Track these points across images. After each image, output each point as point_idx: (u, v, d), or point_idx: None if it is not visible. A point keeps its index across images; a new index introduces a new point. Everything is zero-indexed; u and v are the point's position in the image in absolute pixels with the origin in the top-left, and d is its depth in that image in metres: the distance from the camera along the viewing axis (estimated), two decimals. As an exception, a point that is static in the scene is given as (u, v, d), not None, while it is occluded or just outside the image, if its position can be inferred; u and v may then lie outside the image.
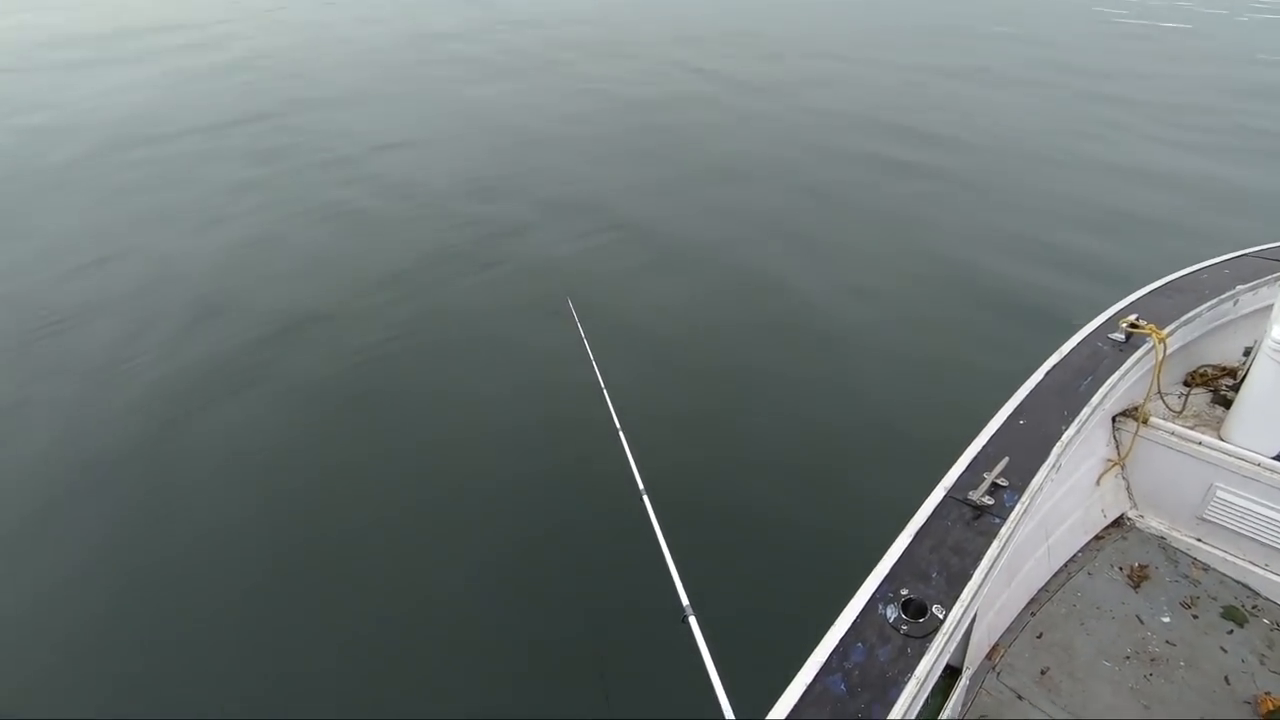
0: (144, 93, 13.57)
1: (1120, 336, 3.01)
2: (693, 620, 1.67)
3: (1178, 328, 3.12)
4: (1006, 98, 13.42)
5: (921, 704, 1.71)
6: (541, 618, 3.51)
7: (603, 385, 3.11)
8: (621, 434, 2.64)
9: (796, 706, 1.59)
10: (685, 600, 1.74)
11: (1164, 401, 3.14)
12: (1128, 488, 3.26)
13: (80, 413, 4.95)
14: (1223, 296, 3.34)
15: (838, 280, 6.93)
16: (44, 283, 6.71)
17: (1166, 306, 3.24)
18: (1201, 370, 3.49)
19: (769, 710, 1.59)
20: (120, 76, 14.88)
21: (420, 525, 4.07)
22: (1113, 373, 2.81)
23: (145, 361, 5.51)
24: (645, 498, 2.23)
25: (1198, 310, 3.23)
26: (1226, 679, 2.51)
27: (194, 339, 5.79)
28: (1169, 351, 3.05)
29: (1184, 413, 3.22)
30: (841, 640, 1.74)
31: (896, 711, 1.57)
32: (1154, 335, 2.93)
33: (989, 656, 2.59)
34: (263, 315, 6.14)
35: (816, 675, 1.66)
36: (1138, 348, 2.97)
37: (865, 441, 4.74)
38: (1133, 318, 3.02)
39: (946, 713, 2.21)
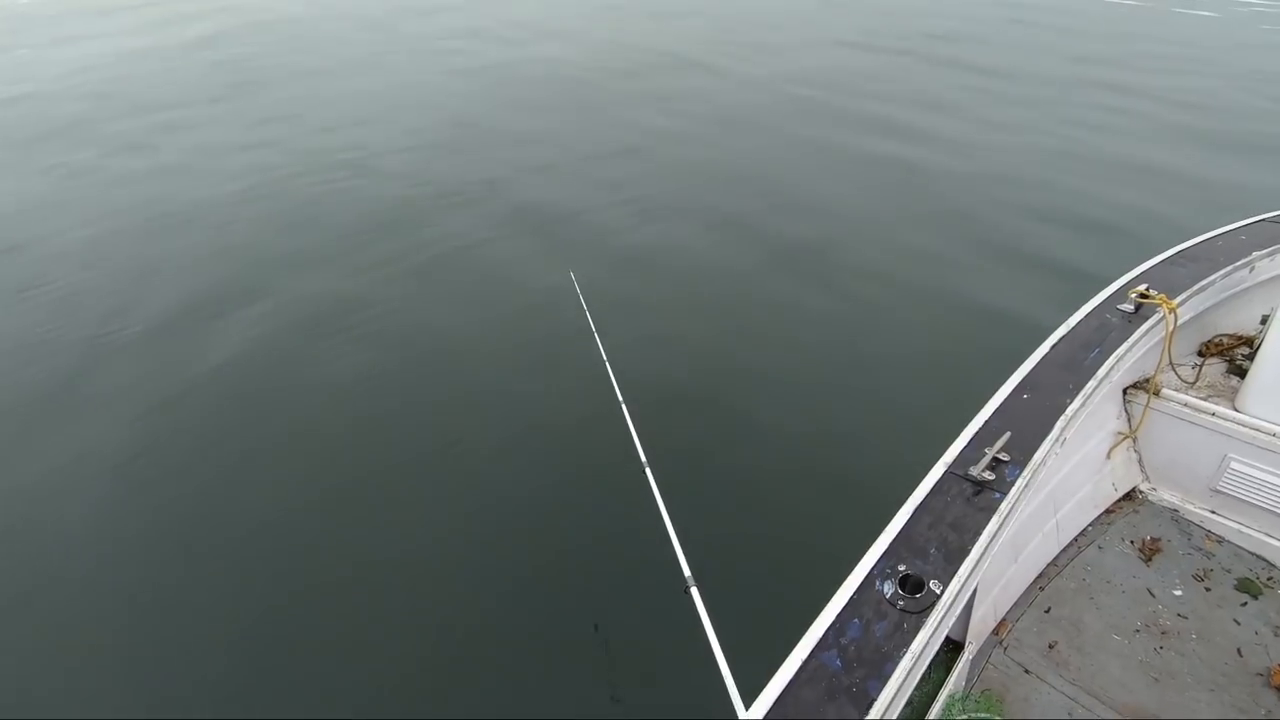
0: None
1: (1130, 307, 2.95)
2: (694, 591, 1.68)
3: (1190, 297, 3.05)
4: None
5: (919, 678, 1.71)
6: (544, 589, 3.55)
7: (605, 359, 3.12)
8: (624, 407, 2.65)
9: (791, 683, 1.60)
10: (687, 571, 1.74)
11: (1176, 373, 3.08)
12: (1139, 460, 3.21)
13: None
14: (1238, 264, 3.26)
15: (842, 252, 6.87)
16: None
17: (1179, 275, 3.17)
18: (1216, 340, 3.42)
19: (771, 676, 1.60)
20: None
21: (422, 496, 4.12)
22: (1121, 344, 2.76)
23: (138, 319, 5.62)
24: (647, 471, 2.24)
25: (1211, 278, 3.16)
26: (1239, 651, 2.48)
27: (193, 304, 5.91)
28: (1181, 321, 2.99)
29: (1197, 383, 3.16)
30: (838, 617, 1.74)
31: (892, 685, 1.58)
32: (1164, 305, 2.87)
33: (996, 631, 2.58)
34: (267, 287, 6.28)
35: (812, 651, 1.66)
36: (1148, 318, 2.91)
37: (867, 417, 4.72)
38: (1143, 288, 2.96)
39: (950, 687, 2.20)
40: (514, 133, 10.28)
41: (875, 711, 1.52)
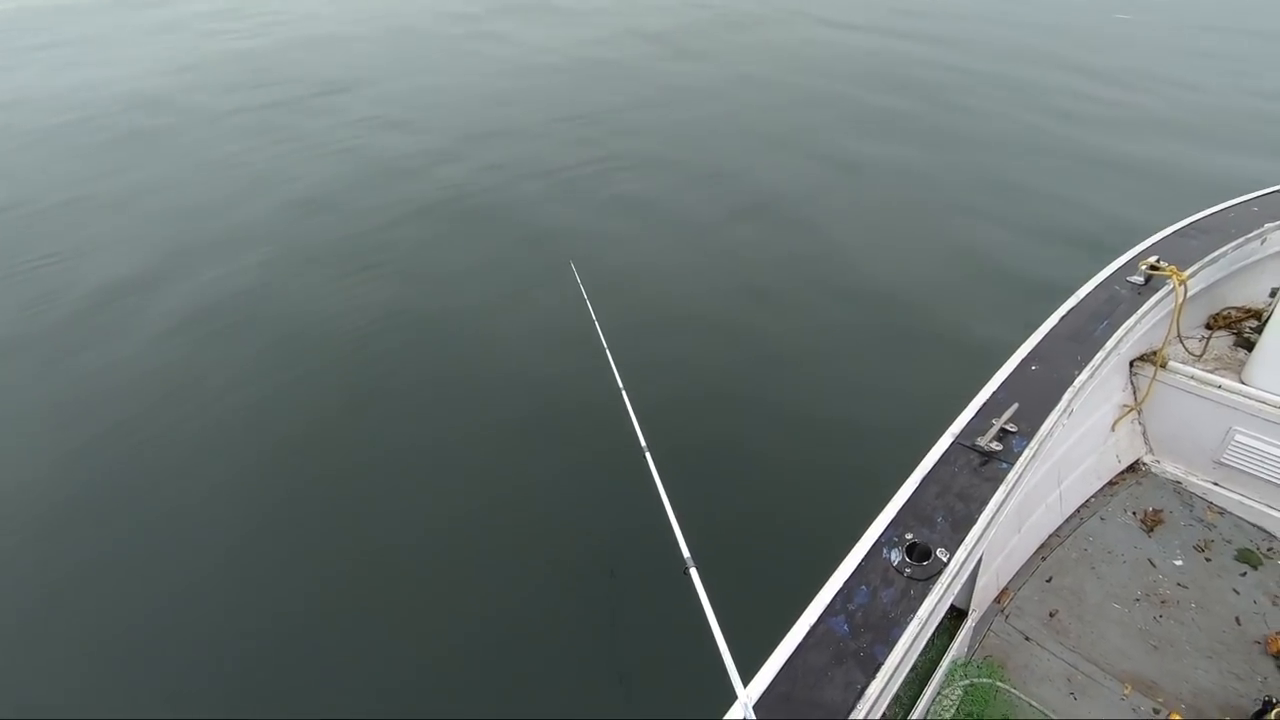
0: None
1: (1140, 279, 2.93)
2: (693, 572, 1.70)
3: (1200, 269, 3.03)
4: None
5: (924, 644, 1.73)
6: (545, 571, 3.59)
7: (605, 346, 3.11)
8: (624, 393, 2.65)
9: (799, 647, 1.62)
10: (686, 553, 1.76)
11: (1184, 345, 3.07)
12: (1144, 433, 3.22)
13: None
14: (1249, 235, 3.23)
15: (845, 229, 6.81)
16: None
17: (1189, 248, 3.14)
18: (1224, 312, 3.40)
19: (772, 652, 1.62)
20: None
21: (420, 480, 4.15)
22: (1130, 316, 2.74)
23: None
24: (647, 455, 2.25)
25: (1222, 250, 3.13)
26: (1237, 620, 2.51)
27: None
28: (1191, 294, 2.97)
29: (1204, 356, 3.15)
30: (845, 583, 1.76)
31: (898, 651, 1.60)
32: (1174, 277, 2.85)
33: (998, 600, 2.61)
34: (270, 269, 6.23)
35: (820, 617, 1.68)
36: (1157, 290, 2.89)
37: (872, 391, 4.73)
38: (1153, 259, 2.93)
39: (952, 653, 2.24)
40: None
41: (881, 676, 1.55)
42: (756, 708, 1.50)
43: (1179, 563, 2.73)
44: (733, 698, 1.44)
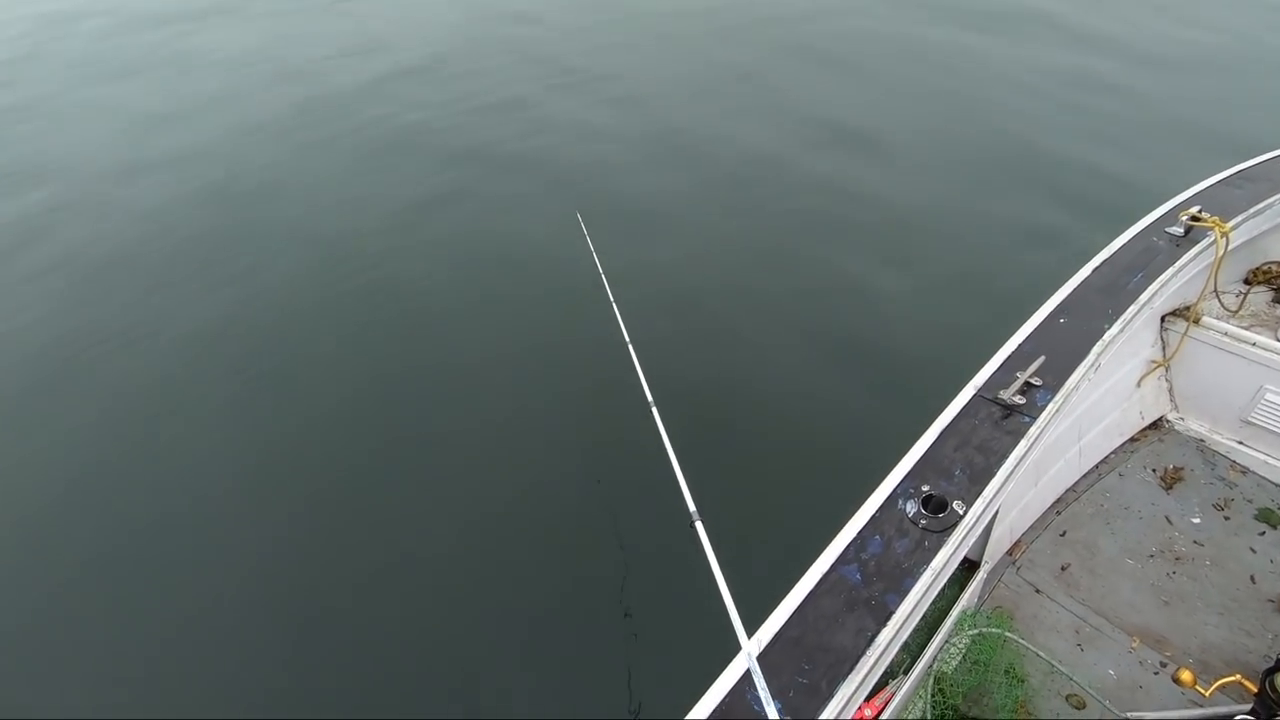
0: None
1: (1179, 230, 2.81)
2: (699, 525, 1.71)
3: (1244, 220, 2.89)
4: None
5: (935, 595, 1.74)
6: (552, 527, 3.62)
7: (611, 299, 3.06)
8: (631, 347, 2.61)
9: (811, 594, 1.63)
10: (692, 506, 1.76)
11: (1220, 300, 2.97)
12: (1170, 389, 3.15)
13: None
14: None
15: (862, 177, 6.58)
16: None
17: (1234, 197, 3.00)
18: (1265, 267, 3.26)
19: (781, 600, 1.63)
20: None
21: (432, 438, 4.14)
22: (1166, 269, 2.64)
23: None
24: (654, 409, 2.23)
25: (1269, 201, 2.99)
26: (1252, 578, 2.50)
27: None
28: (1232, 246, 2.85)
29: (1240, 312, 3.05)
30: (859, 533, 1.76)
31: (910, 600, 1.60)
32: (1216, 228, 2.73)
33: (1010, 552, 2.61)
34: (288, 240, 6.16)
35: (832, 565, 1.69)
36: (1197, 242, 2.78)
37: (890, 343, 4.64)
38: (1195, 210, 2.81)
39: (962, 603, 2.25)
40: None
41: (892, 624, 1.56)
42: (764, 652, 1.51)
43: (1196, 520, 2.71)
44: (740, 646, 1.45)
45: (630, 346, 2.62)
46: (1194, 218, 2.78)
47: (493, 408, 4.30)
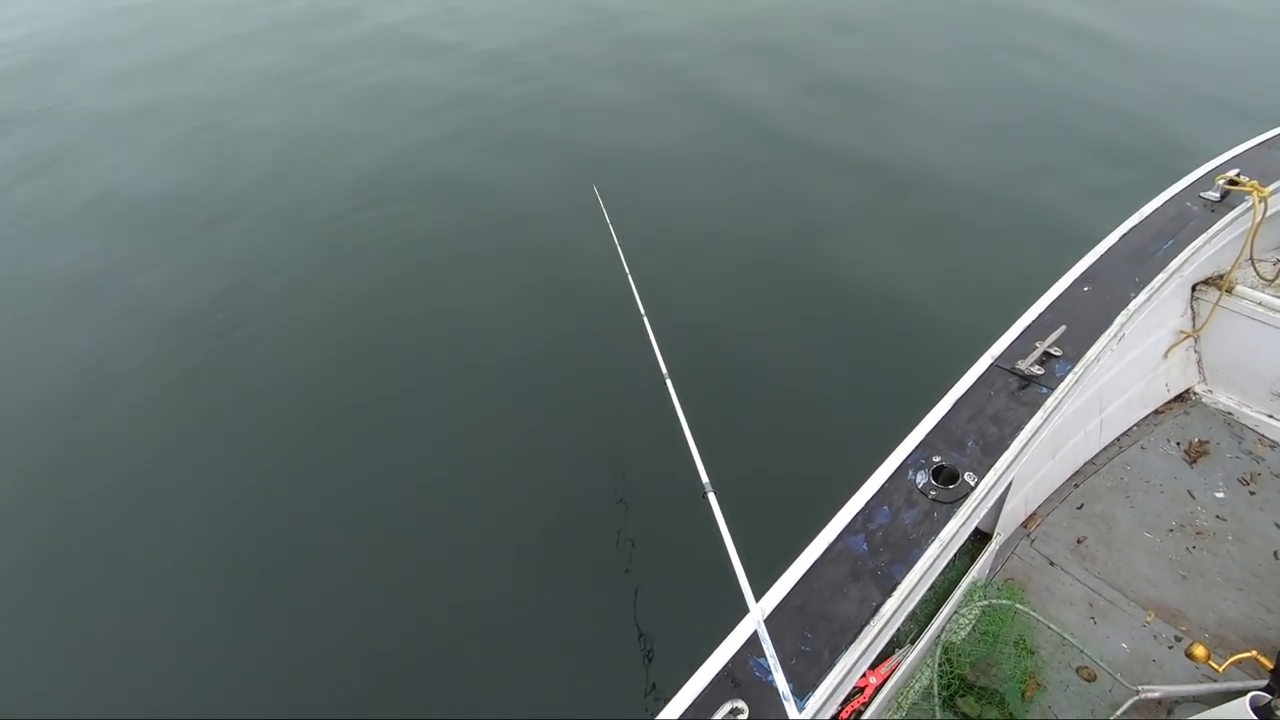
0: None
1: (1215, 195, 2.69)
2: (711, 497, 1.70)
3: None
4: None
5: (944, 565, 1.72)
6: (567, 495, 3.63)
7: (627, 270, 3.03)
8: (645, 319, 2.59)
9: (816, 563, 1.62)
10: (705, 478, 1.76)
11: (1255, 268, 2.85)
12: (1198, 361, 3.06)
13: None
14: None
15: (881, 145, 6.40)
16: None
17: (1275, 160, 2.86)
18: (1305, 234, 3.13)
19: (787, 568, 1.63)
20: None
21: (442, 407, 4.16)
22: (1198, 235, 2.54)
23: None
24: (668, 381, 2.22)
25: None
26: (1276, 554, 2.44)
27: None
28: (1270, 212, 2.73)
29: (1276, 281, 2.93)
30: (867, 503, 1.74)
31: (917, 571, 1.59)
32: (1255, 193, 2.61)
33: (1024, 525, 2.58)
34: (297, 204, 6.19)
35: (839, 535, 1.68)
36: (1233, 208, 2.66)
37: (906, 316, 4.55)
38: (1233, 173, 2.68)
39: (973, 574, 2.23)
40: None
41: (898, 594, 1.55)
42: (769, 619, 1.52)
43: (1220, 495, 2.64)
44: (747, 612, 1.46)
45: (645, 319, 2.60)
46: (1231, 181, 2.66)
47: (507, 380, 4.30)
